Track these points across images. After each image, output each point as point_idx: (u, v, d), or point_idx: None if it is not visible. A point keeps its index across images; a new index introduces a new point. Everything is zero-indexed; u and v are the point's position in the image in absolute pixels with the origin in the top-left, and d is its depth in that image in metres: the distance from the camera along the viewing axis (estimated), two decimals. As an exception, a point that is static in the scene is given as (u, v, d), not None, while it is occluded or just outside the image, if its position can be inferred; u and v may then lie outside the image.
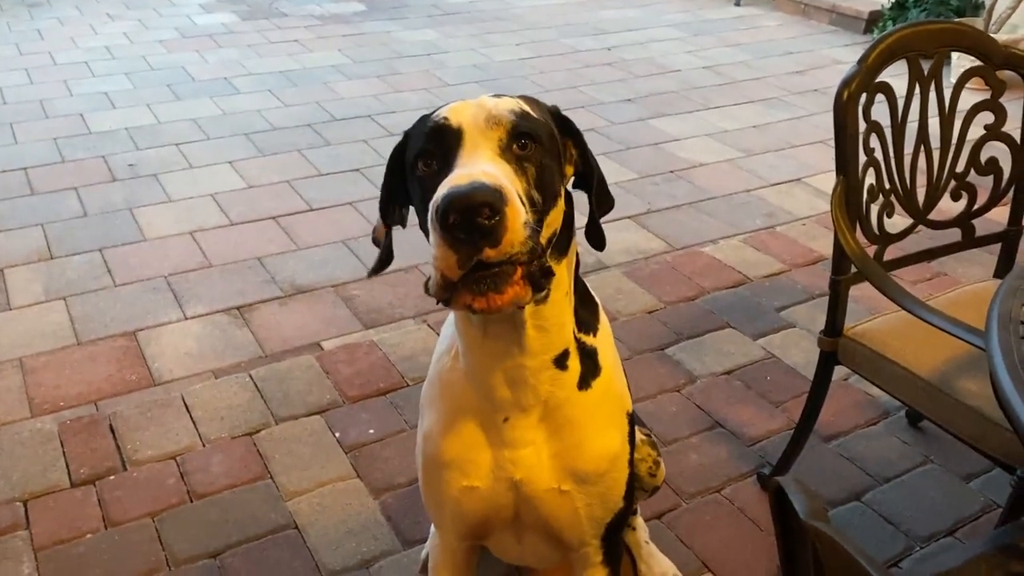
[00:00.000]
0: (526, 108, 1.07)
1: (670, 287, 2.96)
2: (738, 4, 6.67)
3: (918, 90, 1.81)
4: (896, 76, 1.71)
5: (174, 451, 2.22)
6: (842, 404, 2.37)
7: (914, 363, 1.72)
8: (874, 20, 5.82)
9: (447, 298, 0.98)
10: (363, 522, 2.02)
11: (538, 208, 1.02)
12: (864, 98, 1.75)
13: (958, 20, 4.76)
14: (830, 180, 1.81)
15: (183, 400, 2.41)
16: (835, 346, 1.86)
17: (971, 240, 1.95)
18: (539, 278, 0.99)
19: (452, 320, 1.25)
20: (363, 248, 3.18)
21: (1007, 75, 1.83)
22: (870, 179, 1.80)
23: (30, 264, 3.06)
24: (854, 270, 1.79)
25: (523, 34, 5.89)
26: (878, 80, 1.75)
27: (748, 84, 4.98)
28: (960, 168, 1.89)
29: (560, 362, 1.18)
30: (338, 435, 2.28)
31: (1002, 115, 1.85)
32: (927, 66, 1.81)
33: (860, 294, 2.37)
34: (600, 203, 1.19)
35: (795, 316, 2.80)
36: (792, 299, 2.89)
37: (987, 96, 1.84)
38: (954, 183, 1.90)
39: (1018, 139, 1.88)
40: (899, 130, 1.82)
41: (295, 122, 4.36)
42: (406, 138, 1.13)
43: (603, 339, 1.27)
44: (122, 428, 2.30)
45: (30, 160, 3.87)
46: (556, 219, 1.08)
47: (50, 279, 2.98)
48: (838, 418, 2.33)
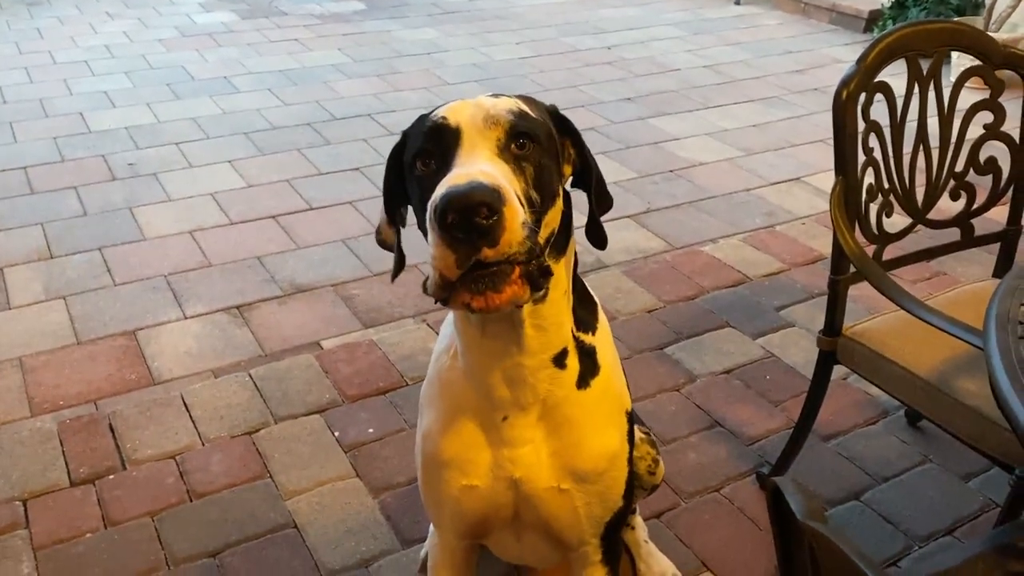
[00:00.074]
0: (524, 108, 1.07)
1: (669, 286, 2.96)
2: (738, 3, 6.66)
3: (917, 89, 1.81)
4: (895, 75, 1.71)
5: (173, 450, 2.23)
6: (841, 403, 2.37)
7: (913, 363, 1.72)
8: (874, 19, 5.82)
9: (445, 297, 0.98)
10: (362, 521, 2.02)
11: (536, 208, 1.02)
12: (863, 97, 1.75)
13: (958, 19, 4.76)
14: (830, 179, 1.81)
15: (183, 399, 2.41)
16: (834, 345, 1.86)
17: (970, 239, 1.95)
18: (537, 277, 0.99)
19: (451, 319, 1.25)
20: (363, 247, 3.18)
21: (1006, 74, 1.82)
22: (869, 178, 1.80)
23: (30, 263, 3.07)
24: (853, 269, 1.79)
25: (523, 33, 5.89)
26: (877, 79, 1.76)
27: (748, 83, 4.98)
28: (959, 167, 1.89)
29: (559, 361, 1.18)
30: (337, 434, 2.29)
31: (1001, 114, 1.85)
32: (926, 65, 1.81)
33: (859, 293, 2.37)
34: (599, 203, 1.19)
35: (794, 315, 2.80)
36: (791, 298, 2.89)
37: (986, 95, 1.84)
38: (953, 182, 1.90)
39: (1017, 139, 1.88)
40: (898, 129, 1.82)
41: (295, 121, 4.36)
42: (404, 138, 1.13)
43: (602, 338, 1.28)
44: (122, 427, 2.30)
45: (30, 159, 3.87)
46: (554, 219, 1.08)
47: (50, 278, 2.98)
48: (837, 417, 2.33)
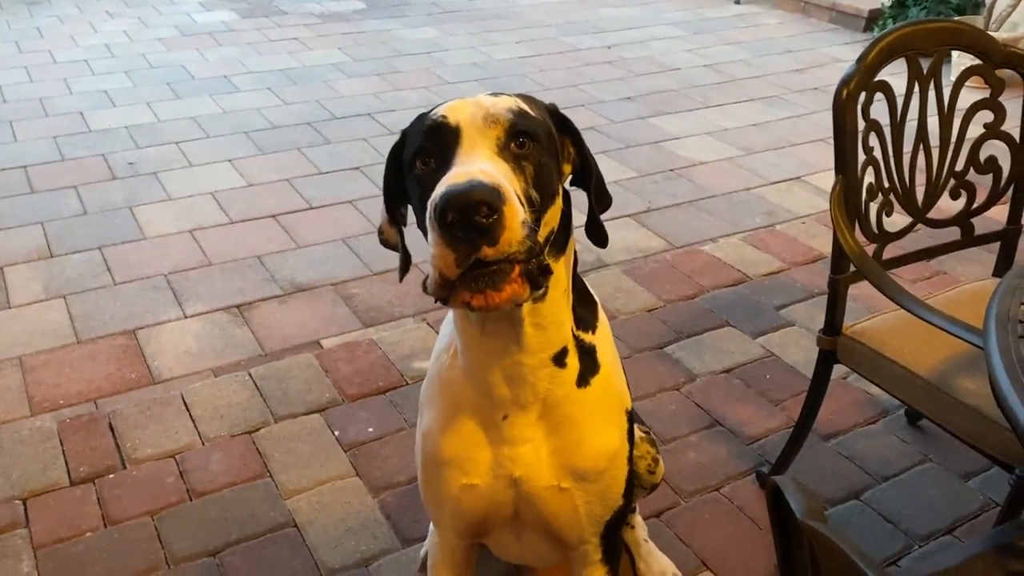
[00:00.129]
0: (524, 107, 1.07)
1: (669, 285, 2.96)
2: (738, 2, 6.66)
3: (917, 88, 1.81)
4: (895, 74, 1.70)
5: (173, 449, 2.23)
6: (841, 403, 2.37)
7: (913, 362, 1.72)
8: (874, 18, 5.82)
9: (445, 296, 0.98)
10: (362, 520, 2.02)
11: (536, 207, 1.02)
12: (863, 96, 1.75)
13: (958, 18, 4.76)
14: (830, 178, 1.81)
15: (182, 398, 2.41)
16: (834, 345, 1.86)
17: (970, 239, 1.95)
18: (537, 276, 0.99)
19: (451, 318, 1.25)
20: (363, 246, 3.18)
21: (1006, 74, 1.82)
22: (869, 178, 1.80)
23: (30, 262, 3.07)
24: (853, 269, 1.79)
25: (523, 32, 5.89)
26: (877, 78, 1.75)
27: (748, 82, 4.98)
28: (959, 167, 1.89)
29: (558, 360, 1.18)
30: (337, 433, 2.28)
31: (1001, 114, 1.85)
32: (926, 64, 1.81)
33: (859, 293, 2.37)
34: (598, 201, 1.19)
35: (794, 314, 2.80)
36: (791, 297, 2.89)
37: (986, 95, 1.84)
38: (953, 182, 1.90)
39: (1017, 138, 1.88)
40: (898, 128, 1.82)
41: (295, 120, 4.36)
42: (404, 136, 1.13)
43: (602, 337, 1.27)
44: (121, 426, 2.30)
45: (30, 158, 3.87)
46: (554, 217, 1.08)
47: (50, 277, 2.98)
48: (837, 417, 2.33)
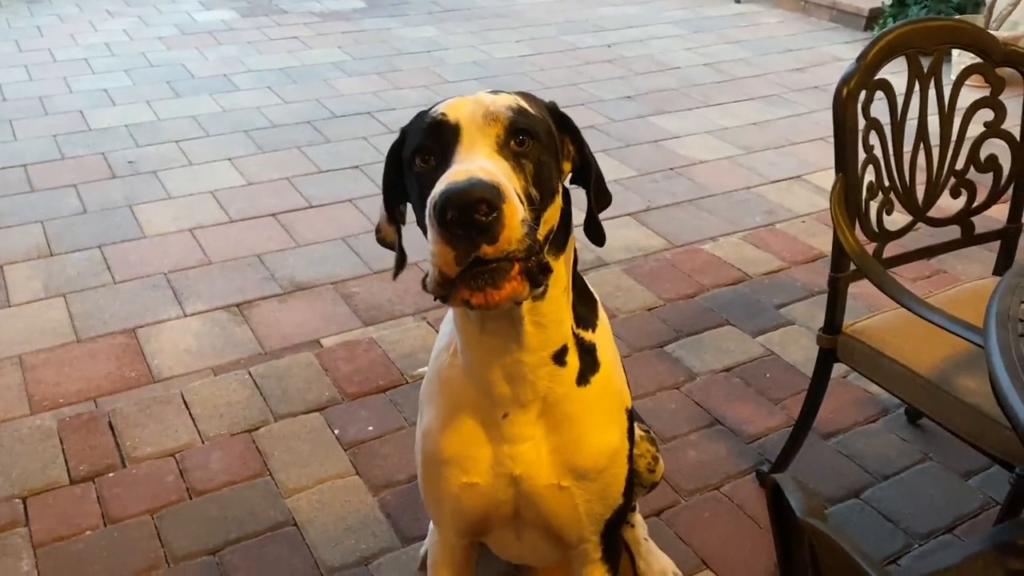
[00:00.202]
0: (524, 104, 1.07)
1: (669, 284, 2.96)
2: (738, 1, 6.66)
3: (918, 87, 1.81)
4: (896, 73, 1.70)
5: (173, 448, 2.23)
6: (841, 401, 2.37)
7: (913, 360, 1.71)
8: (874, 17, 5.81)
9: (445, 294, 0.98)
10: (362, 519, 2.02)
11: (536, 205, 1.02)
12: (864, 95, 1.75)
13: (958, 17, 4.76)
14: (830, 177, 1.81)
15: (182, 397, 2.41)
16: (834, 343, 1.86)
17: (970, 237, 1.95)
18: (536, 274, 0.99)
19: (451, 317, 1.25)
20: (363, 245, 3.18)
21: (1007, 72, 1.82)
22: (869, 176, 1.80)
23: (30, 261, 3.06)
24: (853, 267, 1.79)
25: (523, 31, 5.88)
26: (878, 77, 1.75)
27: (748, 81, 4.98)
28: (960, 165, 1.89)
29: (558, 358, 1.18)
30: (337, 432, 2.28)
31: (1002, 112, 1.85)
32: (927, 63, 1.81)
33: (859, 291, 2.37)
34: (598, 200, 1.19)
35: (794, 313, 2.80)
36: (791, 296, 2.89)
37: (987, 93, 1.84)
38: (953, 180, 1.89)
39: (1018, 136, 1.88)
40: (899, 127, 1.82)
41: (295, 119, 4.36)
42: (403, 134, 1.12)
43: (602, 335, 1.27)
44: (121, 425, 2.30)
45: (30, 157, 3.87)
46: (553, 216, 1.08)
47: (50, 276, 2.98)
48: (837, 415, 2.33)
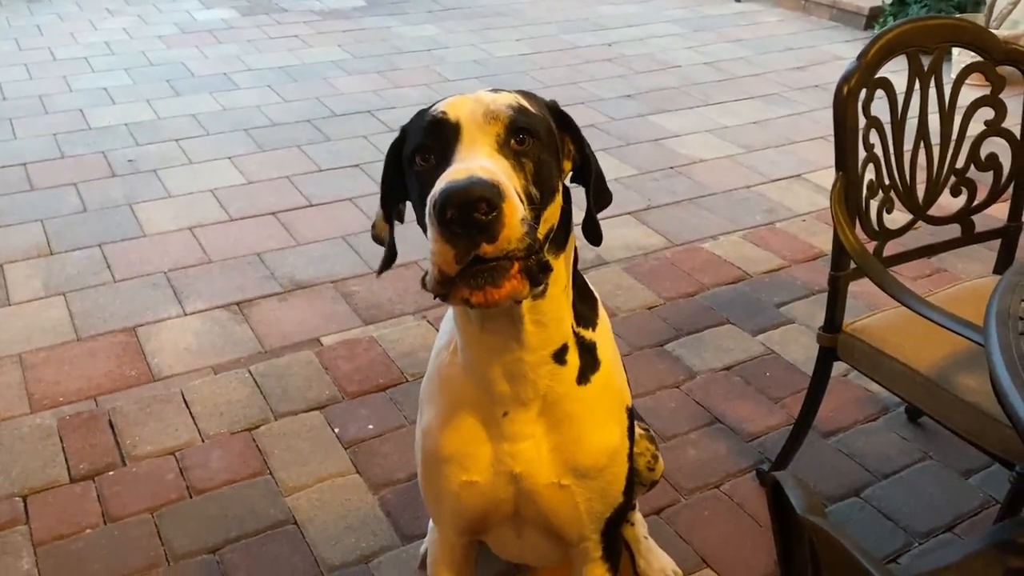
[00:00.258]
0: (524, 103, 1.07)
1: (670, 283, 2.96)
2: (738, 0, 6.65)
3: (918, 86, 1.81)
4: (896, 72, 1.70)
5: (173, 447, 2.23)
6: (841, 400, 2.37)
7: (913, 359, 1.71)
8: (875, 16, 5.81)
9: (444, 293, 0.98)
10: (362, 517, 2.02)
11: (536, 204, 1.02)
12: (864, 94, 1.75)
13: (958, 16, 4.75)
14: (830, 176, 1.81)
15: (182, 396, 2.41)
16: (834, 342, 1.86)
17: (971, 236, 1.95)
18: (536, 273, 0.99)
19: (451, 315, 1.25)
20: (363, 244, 3.18)
21: (1007, 71, 1.82)
22: (870, 175, 1.80)
23: (30, 260, 3.06)
24: (853, 266, 1.79)
25: (523, 30, 5.88)
26: (878, 76, 1.75)
27: (748, 80, 4.98)
28: (960, 164, 1.89)
29: (559, 357, 1.18)
30: (337, 431, 2.28)
31: (1002, 111, 1.85)
32: (927, 62, 1.81)
33: (859, 290, 2.37)
34: (598, 198, 1.19)
35: (794, 312, 2.80)
36: (792, 295, 2.89)
37: (987, 92, 1.84)
38: (954, 179, 1.89)
39: (1018, 135, 1.88)
40: (899, 126, 1.82)
41: (295, 118, 4.36)
42: (404, 133, 1.12)
43: (602, 334, 1.27)
44: (121, 424, 2.30)
45: (29, 156, 3.87)
46: (553, 214, 1.08)
47: (50, 275, 2.98)
48: (837, 414, 2.33)
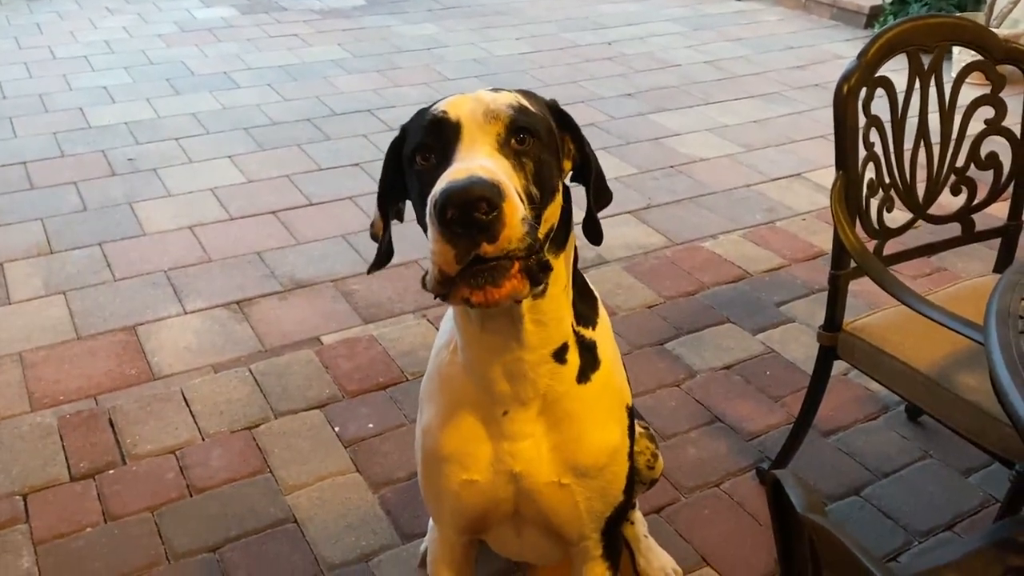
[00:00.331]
0: (524, 103, 1.07)
1: (670, 282, 2.96)
2: (739, -1, 6.65)
3: (918, 84, 1.81)
4: (896, 71, 1.70)
5: (173, 445, 2.23)
6: (841, 399, 2.37)
7: (913, 358, 1.71)
8: (875, 15, 5.81)
9: (444, 293, 0.98)
10: (362, 516, 2.02)
11: (536, 203, 1.02)
12: (864, 93, 1.75)
13: (959, 15, 4.75)
14: (830, 175, 1.81)
15: (182, 394, 2.41)
16: (834, 341, 1.86)
17: (971, 235, 1.95)
18: (537, 272, 0.99)
19: (451, 314, 1.25)
20: (363, 243, 3.18)
21: (1007, 70, 1.82)
22: (870, 174, 1.80)
23: (30, 258, 3.06)
24: (854, 265, 1.79)
25: (523, 28, 5.88)
26: (878, 75, 1.75)
27: (748, 79, 4.97)
28: (960, 163, 1.89)
29: (559, 356, 1.18)
30: (337, 429, 2.29)
31: (1002, 110, 1.85)
32: (927, 60, 1.81)
33: (860, 289, 2.37)
34: (598, 198, 1.19)
35: (795, 311, 2.80)
36: (792, 294, 2.89)
37: (987, 91, 1.84)
38: (954, 178, 1.89)
39: (1018, 134, 1.88)
40: (899, 125, 1.82)
41: (295, 117, 4.35)
42: (403, 132, 1.12)
43: (602, 333, 1.27)
44: (121, 422, 2.30)
45: (29, 154, 3.87)
46: (554, 214, 1.08)
47: (50, 273, 2.98)
48: (837, 413, 2.33)
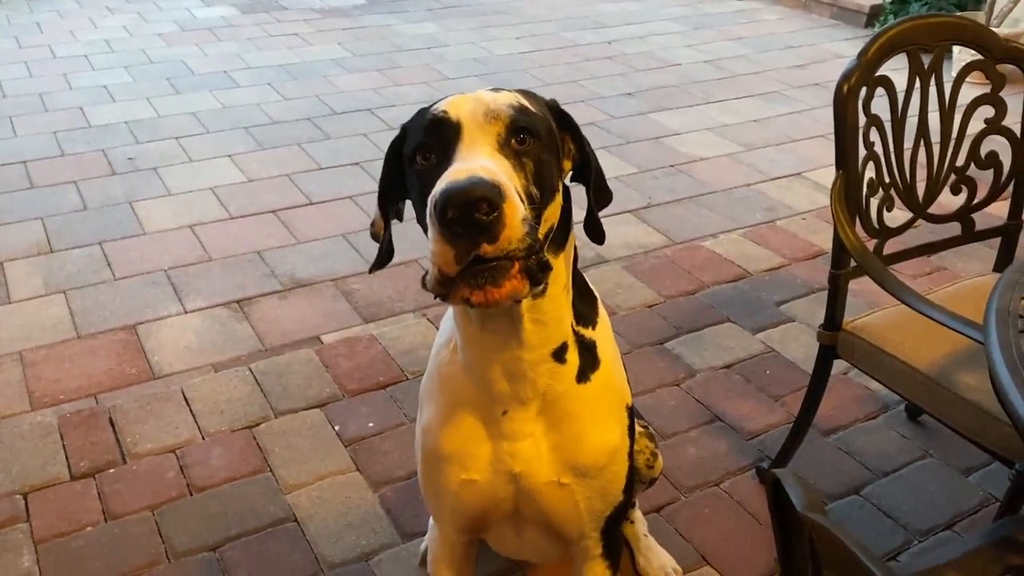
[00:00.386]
0: (524, 102, 1.07)
1: (670, 281, 2.96)
2: (739, -2, 6.65)
3: (918, 84, 1.81)
4: (896, 70, 1.70)
5: (174, 444, 2.23)
6: (841, 398, 2.38)
7: (913, 357, 1.72)
8: (875, 14, 5.80)
9: (444, 293, 0.98)
10: (362, 515, 2.02)
11: (536, 203, 1.02)
12: (864, 92, 1.75)
13: (959, 14, 4.75)
14: (830, 174, 1.81)
15: (183, 393, 2.41)
16: (834, 340, 1.86)
17: (971, 234, 1.95)
18: (536, 272, 0.99)
19: (451, 314, 1.25)
20: (363, 242, 3.18)
21: (1007, 69, 1.82)
22: (870, 173, 1.80)
23: (30, 258, 3.06)
24: (854, 264, 1.79)
25: (523, 28, 5.88)
26: (878, 74, 1.75)
27: (748, 78, 4.97)
28: (960, 162, 1.89)
29: (558, 355, 1.18)
30: (338, 428, 2.29)
31: (1002, 109, 1.85)
32: (927, 60, 1.81)
33: (860, 288, 2.37)
34: (598, 197, 1.19)
35: (795, 310, 2.80)
36: (792, 293, 2.89)
37: (987, 90, 1.84)
38: (954, 177, 1.90)
39: (1018, 133, 1.88)
40: (899, 124, 1.82)
41: (295, 116, 4.35)
42: (404, 132, 1.12)
43: (602, 332, 1.27)
44: (122, 421, 2.30)
45: (29, 153, 3.87)
46: (554, 214, 1.08)
47: (50, 273, 2.98)
48: (837, 412, 2.33)
